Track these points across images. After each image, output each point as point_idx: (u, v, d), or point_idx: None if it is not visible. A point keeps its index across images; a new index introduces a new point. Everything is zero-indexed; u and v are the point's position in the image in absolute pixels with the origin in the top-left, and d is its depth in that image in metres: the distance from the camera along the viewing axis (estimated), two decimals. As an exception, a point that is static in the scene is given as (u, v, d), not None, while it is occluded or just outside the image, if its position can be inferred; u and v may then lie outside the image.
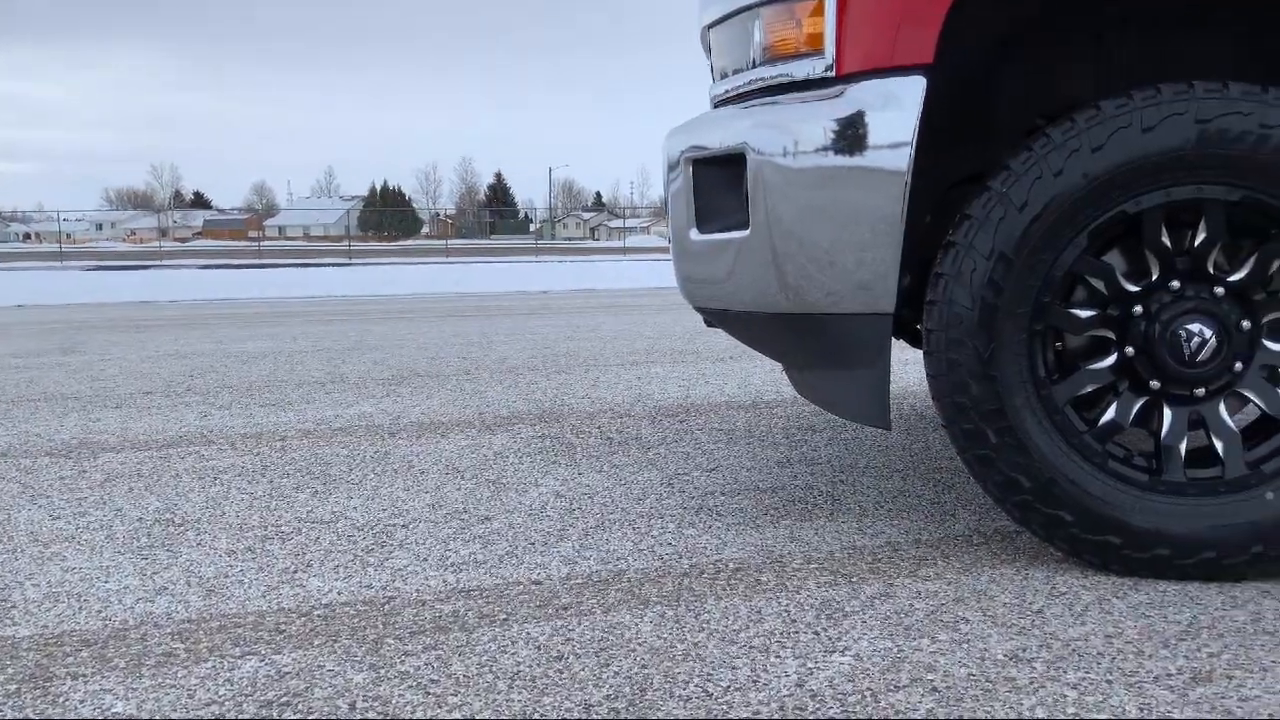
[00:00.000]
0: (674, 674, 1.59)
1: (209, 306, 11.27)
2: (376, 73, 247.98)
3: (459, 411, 3.98)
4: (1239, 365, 1.95)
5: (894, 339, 2.94)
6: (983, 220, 1.93)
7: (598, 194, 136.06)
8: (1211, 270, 1.94)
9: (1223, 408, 1.98)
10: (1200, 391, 1.96)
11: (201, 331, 7.77)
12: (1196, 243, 1.93)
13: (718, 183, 2.17)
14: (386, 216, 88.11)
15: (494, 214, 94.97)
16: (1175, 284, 1.95)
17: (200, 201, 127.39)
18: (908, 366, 4.68)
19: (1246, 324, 1.94)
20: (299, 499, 2.68)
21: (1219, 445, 1.96)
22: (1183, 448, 1.96)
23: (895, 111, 1.92)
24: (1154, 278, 1.96)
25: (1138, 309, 1.96)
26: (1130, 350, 1.97)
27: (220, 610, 1.89)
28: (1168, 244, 1.94)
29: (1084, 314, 1.98)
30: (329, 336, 7.19)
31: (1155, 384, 1.97)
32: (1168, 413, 1.97)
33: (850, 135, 1.94)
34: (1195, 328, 1.92)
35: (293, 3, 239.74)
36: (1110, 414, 1.99)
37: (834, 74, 1.98)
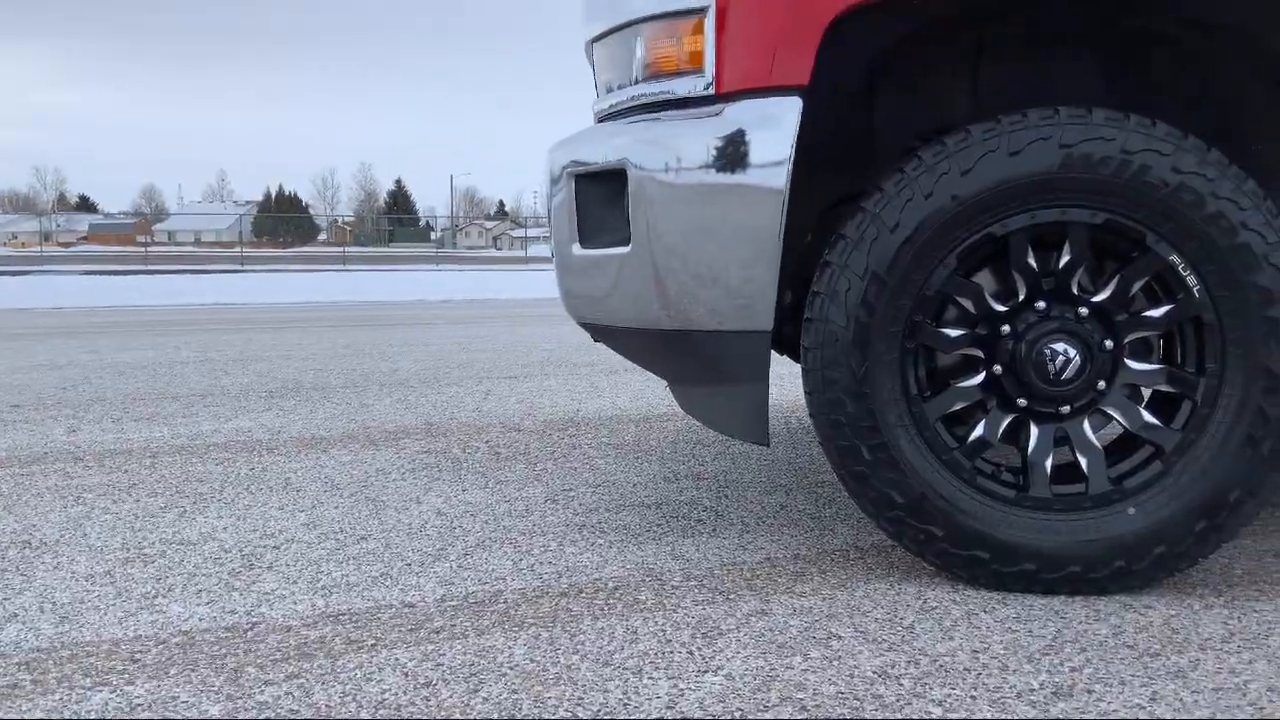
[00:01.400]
0: (544, 698, 1.56)
1: (91, 314, 10.87)
2: (270, 74, 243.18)
3: (343, 425, 3.89)
4: (1102, 384, 2.01)
5: (778, 355, 2.97)
6: (856, 240, 1.95)
7: (500, 203, 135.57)
8: (1076, 291, 2.00)
9: (1087, 425, 2.03)
10: (1065, 409, 2.01)
11: (80, 341, 7.48)
12: (1061, 264, 1.98)
13: (600, 198, 2.16)
14: (282, 222, 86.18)
15: (394, 221, 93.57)
16: (1041, 304, 1.99)
17: (86, 205, 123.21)
18: (798, 380, 4.73)
19: (1109, 344, 2.00)
20: (165, 519, 2.58)
21: (1083, 462, 2.01)
22: (1048, 464, 2.01)
23: (773, 131, 1.93)
24: (1021, 298, 2.00)
25: (1005, 328, 2.00)
26: (998, 368, 2.01)
27: (73, 638, 1.81)
28: (1034, 265, 1.98)
29: (954, 333, 2.02)
30: (214, 346, 6.98)
31: (1022, 401, 2.01)
32: (1034, 430, 2.02)
33: (729, 153, 1.95)
34: (1060, 347, 1.97)
35: (179, 2, 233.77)
36: (979, 431, 2.02)
37: (714, 92, 1.98)
